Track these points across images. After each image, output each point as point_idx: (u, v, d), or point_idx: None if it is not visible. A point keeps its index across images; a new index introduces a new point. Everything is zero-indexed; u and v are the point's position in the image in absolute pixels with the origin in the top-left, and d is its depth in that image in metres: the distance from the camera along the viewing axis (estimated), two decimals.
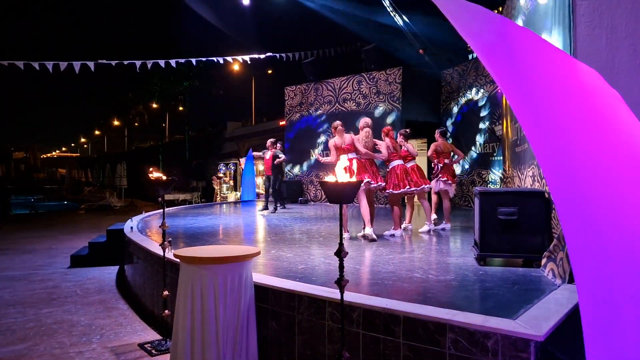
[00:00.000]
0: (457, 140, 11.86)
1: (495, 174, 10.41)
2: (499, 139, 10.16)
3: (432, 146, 7.45)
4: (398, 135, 7.42)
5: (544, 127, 2.00)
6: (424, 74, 12.98)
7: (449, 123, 12.22)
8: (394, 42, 14.30)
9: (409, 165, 6.88)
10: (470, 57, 11.98)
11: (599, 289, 1.88)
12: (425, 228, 7.01)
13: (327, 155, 7.44)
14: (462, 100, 11.72)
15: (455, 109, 12.04)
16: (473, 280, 3.90)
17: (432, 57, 13.27)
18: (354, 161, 6.24)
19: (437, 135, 7.56)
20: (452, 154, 7.61)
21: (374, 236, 6.15)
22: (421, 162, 14.21)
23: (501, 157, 9.89)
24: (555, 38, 4.21)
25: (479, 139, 11.06)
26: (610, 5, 3.44)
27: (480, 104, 11.04)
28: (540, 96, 2.01)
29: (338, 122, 6.57)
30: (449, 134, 10.91)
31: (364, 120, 6.69)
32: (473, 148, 11.23)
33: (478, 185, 10.77)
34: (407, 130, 7.43)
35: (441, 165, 7.34)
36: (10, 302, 5.88)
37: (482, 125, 10.95)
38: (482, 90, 11.00)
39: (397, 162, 6.69)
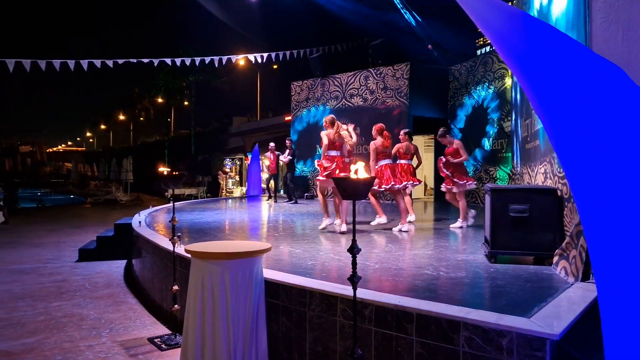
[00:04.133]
0: (465, 137, 11.80)
1: (504, 171, 10.35)
2: (507, 136, 10.10)
3: (395, 147, 7.57)
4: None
5: (564, 120, 1.97)
6: (432, 70, 12.92)
7: (457, 119, 12.15)
8: (402, 37, 14.22)
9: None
10: (478, 52, 11.90)
11: (620, 286, 1.86)
12: (457, 224, 7.04)
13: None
14: (470, 96, 11.65)
15: (463, 105, 11.97)
16: (484, 277, 3.88)
17: (440, 53, 13.19)
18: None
19: (401, 136, 7.68)
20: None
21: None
22: (428, 160, 14.19)
23: (510, 154, 9.84)
24: (569, 33, 4.17)
25: (487, 135, 10.99)
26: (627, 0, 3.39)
27: (489, 100, 10.97)
28: (560, 89, 1.99)
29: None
30: (451, 131, 10.93)
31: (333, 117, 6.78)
32: (482, 143, 11.16)
33: (485, 182, 10.72)
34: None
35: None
36: (20, 296, 5.91)
37: (490, 122, 10.89)
38: (490, 86, 10.93)
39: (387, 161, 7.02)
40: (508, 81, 10.13)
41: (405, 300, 2.99)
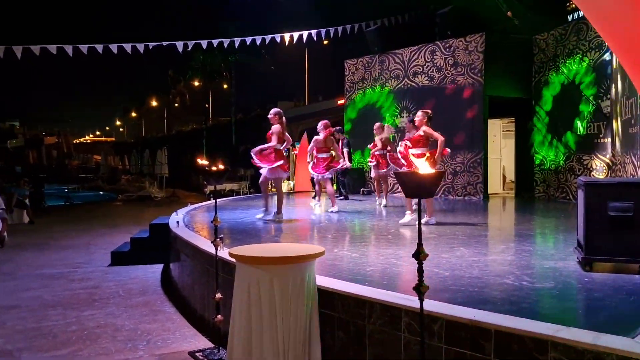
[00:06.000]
0: (553, 120, 11.45)
1: (602, 160, 9.98)
2: (606, 118, 9.72)
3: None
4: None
5: None
6: (512, 41, 12.57)
7: (544, 99, 11.81)
8: (476, 3, 13.91)
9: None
10: (570, 18, 11.49)
11: None
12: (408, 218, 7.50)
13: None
14: (560, 71, 11.28)
15: (550, 82, 11.61)
16: (577, 288, 3.80)
17: (522, 20, 12.82)
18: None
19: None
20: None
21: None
22: (508, 147, 13.88)
23: (609, 140, 9.46)
24: None
25: (581, 117, 10.61)
26: None
27: (583, 75, 10.59)
28: None
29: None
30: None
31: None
32: (575, 127, 10.80)
33: (578, 174, 10.37)
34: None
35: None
36: (51, 303, 6.28)
37: (585, 101, 10.51)
38: (585, 59, 10.54)
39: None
40: (607, 52, 9.74)
41: (481, 314, 2.98)
